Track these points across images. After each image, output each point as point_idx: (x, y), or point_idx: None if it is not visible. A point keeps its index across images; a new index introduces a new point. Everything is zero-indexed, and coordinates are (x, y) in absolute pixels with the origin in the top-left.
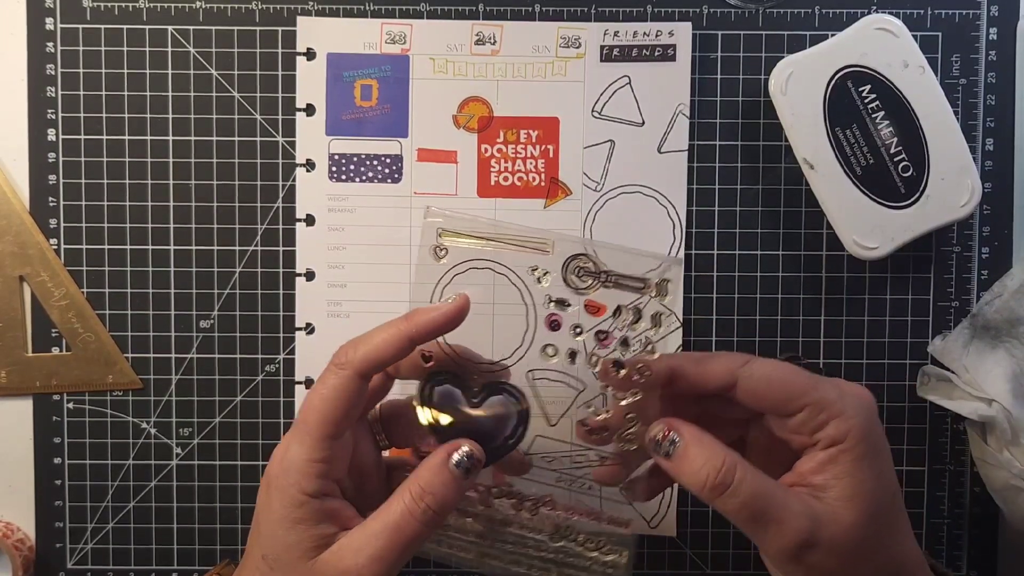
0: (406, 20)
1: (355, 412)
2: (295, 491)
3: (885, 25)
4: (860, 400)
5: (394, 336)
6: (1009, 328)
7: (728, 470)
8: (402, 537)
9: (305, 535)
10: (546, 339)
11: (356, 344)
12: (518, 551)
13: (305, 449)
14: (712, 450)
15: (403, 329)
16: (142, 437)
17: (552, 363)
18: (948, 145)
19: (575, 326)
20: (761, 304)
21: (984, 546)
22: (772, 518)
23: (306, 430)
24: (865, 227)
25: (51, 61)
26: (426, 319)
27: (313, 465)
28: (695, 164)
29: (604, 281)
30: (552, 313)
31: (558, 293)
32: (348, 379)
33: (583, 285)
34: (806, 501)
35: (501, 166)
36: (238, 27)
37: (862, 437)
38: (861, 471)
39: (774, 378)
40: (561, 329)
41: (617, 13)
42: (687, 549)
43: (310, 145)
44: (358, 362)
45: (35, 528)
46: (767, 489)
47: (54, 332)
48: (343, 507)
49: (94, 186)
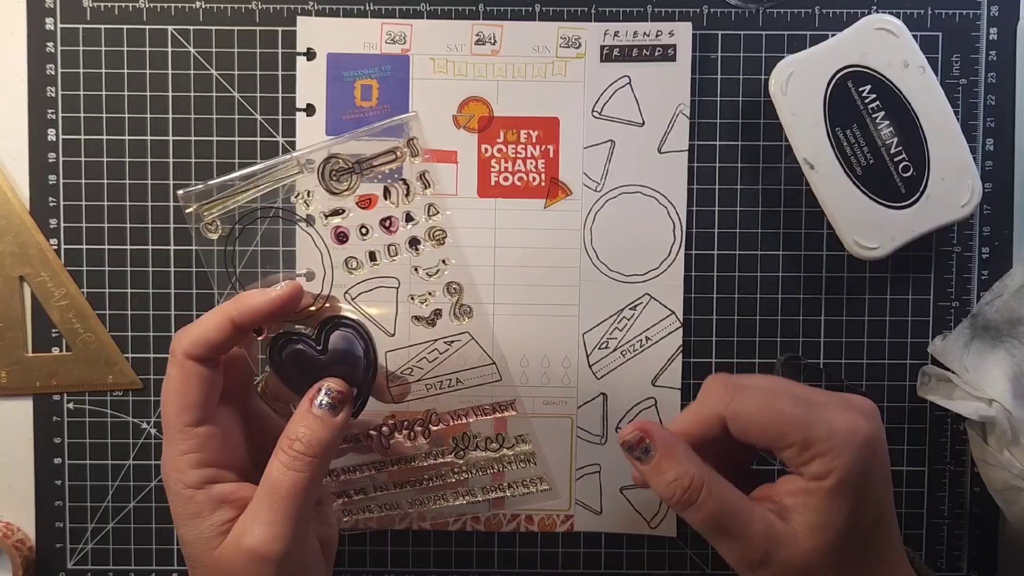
0: (406, 20)
1: (209, 395)
2: (179, 487)
3: (885, 25)
4: (851, 436)
5: (219, 319)
6: (1009, 328)
7: (694, 489)
8: (286, 494)
9: (203, 527)
10: (343, 254)
11: (186, 330)
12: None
13: (172, 445)
14: (683, 465)
15: (227, 312)
16: (142, 437)
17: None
18: (948, 145)
19: (360, 227)
20: (761, 304)
21: (984, 546)
22: (731, 534)
23: (168, 426)
24: (865, 227)
25: (51, 61)
26: (251, 304)
27: (184, 458)
28: (695, 164)
29: (361, 172)
30: (335, 226)
31: (329, 205)
32: (181, 366)
33: (345, 186)
34: (768, 521)
35: (501, 166)
36: (238, 27)
37: (842, 477)
38: (832, 507)
39: (761, 420)
40: (351, 237)
41: (617, 13)
42: (687, 549)
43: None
44: (186, 347)
45: (35, 528)
46: (730, 508)
47: (54, 332)
48: (240, 489)
49: (94, 186)
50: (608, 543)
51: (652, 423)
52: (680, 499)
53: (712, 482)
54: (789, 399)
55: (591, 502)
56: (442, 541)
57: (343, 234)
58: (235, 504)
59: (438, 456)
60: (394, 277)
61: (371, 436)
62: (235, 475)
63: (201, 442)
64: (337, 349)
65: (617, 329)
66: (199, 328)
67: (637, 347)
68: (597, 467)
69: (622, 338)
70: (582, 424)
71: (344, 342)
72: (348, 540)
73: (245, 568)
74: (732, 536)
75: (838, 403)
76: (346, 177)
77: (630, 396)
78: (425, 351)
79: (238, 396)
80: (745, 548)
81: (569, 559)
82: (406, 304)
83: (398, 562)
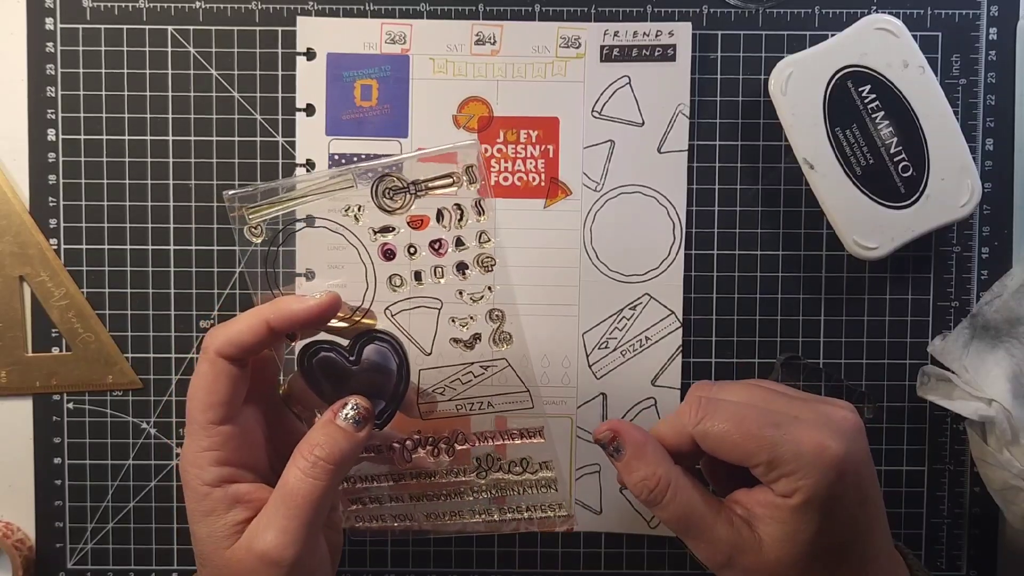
0: (406, 20)
1: (236, 395)
2: (196, 483)
3: (885, 25)
4: (818, 458)
5: (256, 322)
6: (1009, 328)
7: (661, 489)
8: (301, 501)
9: (215, 525)
10: (387, 271)
11: (219, 326)
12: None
13: (194, 440)
14: (650, 466)
15: (264, 315)
16: (142, 437)
17: (403, 292)
18: (948, 145)
19: (409, 247)
20: (761, 304)
21: (984, 546)
22: (696, 535)
23: (192, 421)
24: (865, 227)
25: (51, 61)
26: (289, 310)
27: (206, 455)
28: (695, 164)
29: (415, 192)
30: (383, 243)
31: (380, 222)
32: (212, 363)
33: (398, 204)
34: (734, 526)
35: (501, 166)
36: (238, 27)
37: (809, 497)
38: (796, 523)
39: (726, 441)
40: (397, 256)
41: (617, 13)
42: (687, 549)
43: (310, 145)
44: (219, 345)
45: (35, 528)
46: (695, 510)
47: (54, 332)
48: (256, 490)
49: (94, 186)
50: (608, 543)
51: (624, 423)
52: (647, 498)
53: (679, 483)
54: (759, 418)
55: (591, 502)
56: (442, 541)
57: (390, 251)
58: (250, 505)
59: (459, 474)
60: (437, 298)
61: (394, 448)
62: (252, 475)
63: (223, 440)
64: (370, 361)
65: (617, 329)
66: (234, 328)
67: (637, 347)
68: (597, 467)
69: (622, 338)
70: (582, 424)
71: (378, 355)
72: (348, 540)
73: (255, 571)
74: (695, 536)
75: (813, 421)
76: (400, 196)
77: (630, 396)
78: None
79: (262, 396)
80: (709, 549)
81: (569, 559)
82: (446, 326)
83: (398, 562)
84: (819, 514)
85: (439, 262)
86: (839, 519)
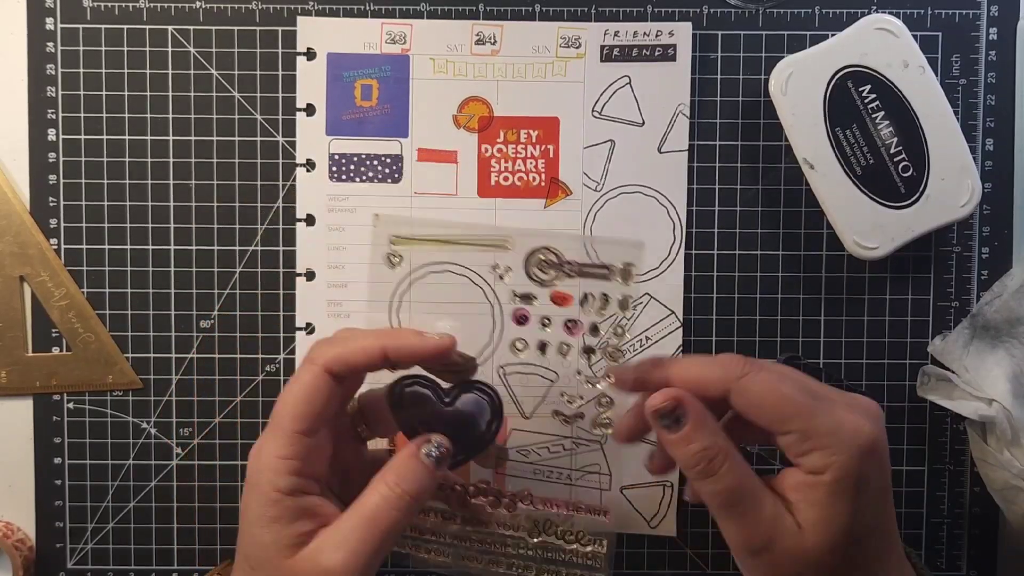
0: (406, 20)
1: (328, 409)
2: (269, 489)
3: (885, 25)
4: (854, 436)
5: (372, 347)
6: (1009, 328)
7: (720, 460)
8: (379, 528)
9: (281, 533)
10: (515, 334)
11: (332, 342)
12: (497, 551)
13: (277, 446)
14: (711, 437)
15: (383, 344)
16: (142, 437)
17: (522, 357)
18: (948, 145)
19: (543, 318)
20: (761, 304)
21: (984, 546)
22: (741, 511)
23: (278, 426)
24: (865, 227)
25: (51, 61)
26: (407, 344)
27: (285, 462)
28: (695, 164)
29: (567, 272)
30: (519, 309)
31: (522, 288)
32: (318, 376)
33: (547, 277)
34: (778, 510)
35: (501, 166)
36: (238, 27)
37: (842, 475)
38: (833, 505)
39: (767, 399)
40: (529, 323)
41: (617, 13)
42: (687, 549)
43: (310, 145)
44: (329, 360)
45: (35, 528)
46: (746, 483)
47: (54, 332)
48: (322, 504)
49: (94, 186)
50: None
51: (683, 392)
52: (704, 468)
53: (733, 456)
54: (799, 387)
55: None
56: None
57: (524, 318)
58: (316, 519)
59: (512, 528)
60: (554, 371)
61: (455, 490)
62: (317, 487)
63: (305, 451)
64: (462, 409)
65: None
66: (349, 347)
67: (637, 347)
68: (597, 467)
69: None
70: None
71: (473, 406)
72: None
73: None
74: (741, 514)
75: (846, 402)
76: (552, 271)
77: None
78: (550, 442)
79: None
80: (751, 529)
81: None
82: (554, 398)
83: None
84: (850, 495)
85: (568, 340)
86: (867, 503)
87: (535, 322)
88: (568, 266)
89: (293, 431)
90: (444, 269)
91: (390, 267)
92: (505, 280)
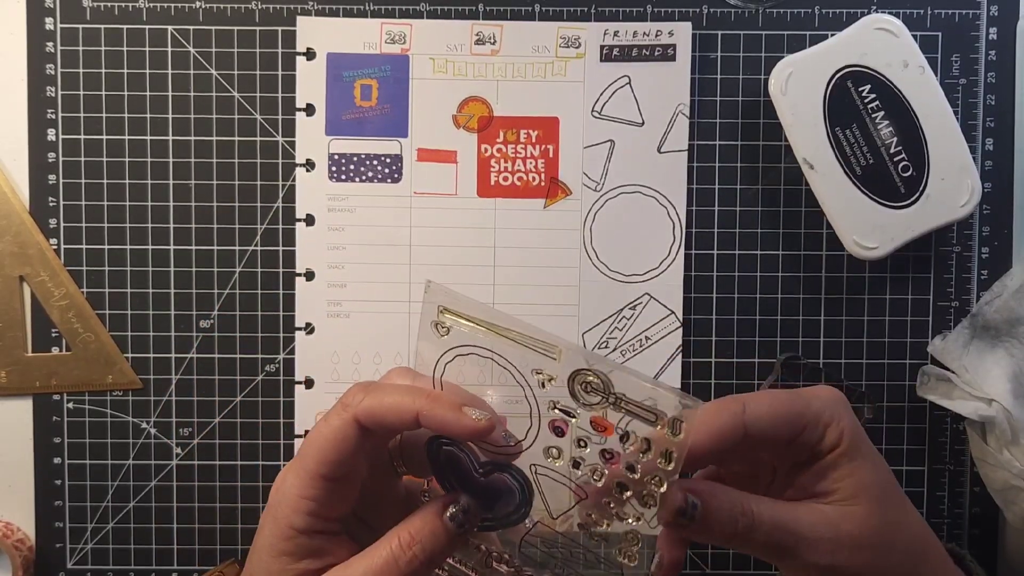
0: (406, 20)
1: (355, 458)
2: (284, 524)
3: (885, 25)
4: (837, 400)
5: (406, 410)
6: (1009, 328)
7: (747, 519)
8: None
9: (287, 567)
10: (550, 441)
11: (367, 389)
12: None
13: (298, 484)
14: (730, 500)
15: (418, 407)
16: (142, 437)
17: (556, 466)
18: (948, 145)
19: (580, 439)
20: (761, 304)
21: (984, 546)
22: (792, 546)
23: (303, 465)
24: (865, 227)
25: (51, 61)
26: (441, 418)
27: (304, 502)
28: (695, 164)
29: (613, 403)
30: (556, 420)
31: (564, 401)
32: (348, 424)
33: (590, 401)
34: (818, 510)
35: (501, 166)
36: (238, 27)
37: (852, 435)
38: (858, 466)
39: (777, 409)
40: (565, 436)
41: (617, 13)
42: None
43: (310, 145)
44: (360, 411)
45: (35, 528)
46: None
47: (54, 332)
48: (335, 546)
49: (94, 186)
50: None
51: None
52: (738, 531)
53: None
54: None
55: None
56: None
57: (560, 430)
58: (326, 559)
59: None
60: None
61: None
62: (336, 527)
63: (326, 495)
64: (494, 487)
65: (617, 329)
66: (384, 404)
67: (637, 347)
68: None
69: (622, 338)
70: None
71: (505, 487)
72: None
73: None
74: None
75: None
76: (595, 396)
77: None
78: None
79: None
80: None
81: None
82: (579, 512)
83: None
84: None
85: (602, 467)
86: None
87: (571, 438)
88: (614, 398)
89: (317, 474)
90: (488, 356)
91: (436, 336)
92: (545, 388)
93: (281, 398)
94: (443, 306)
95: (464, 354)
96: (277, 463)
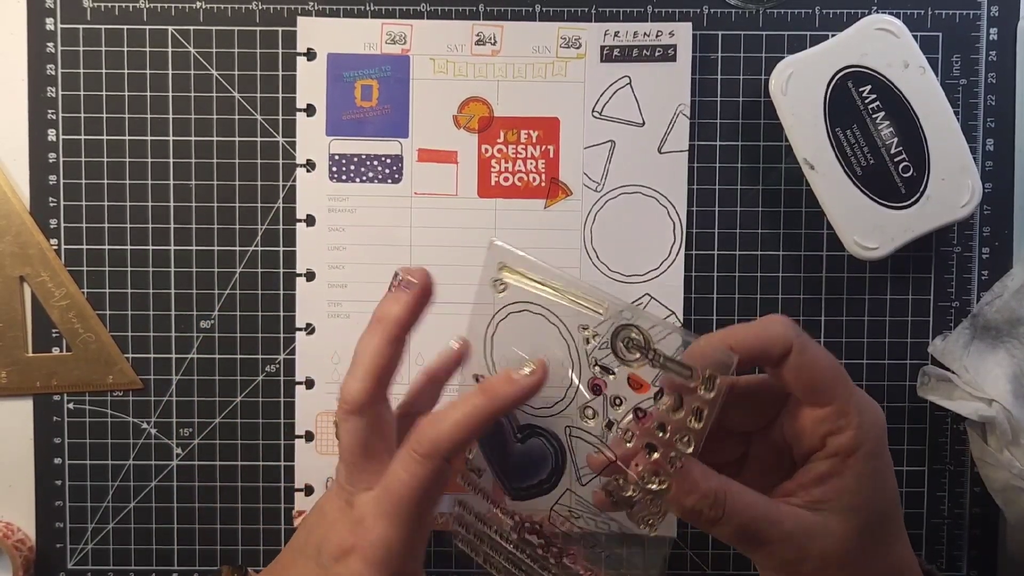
0: (406, 20)
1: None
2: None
3: (885, 25)
4: (876, 418)
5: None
6: (1009, 328)
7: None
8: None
9: None
10: (587, 400)
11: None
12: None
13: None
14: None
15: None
16: (142, 437)
17: (590, 426)
18: (948, 145)
19: (616, 397)
20: (761, 304)
21: (984, 546)
22: (763, 540)
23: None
24: (865, 227)
25: (51, 61)
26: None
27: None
28: (695, 164)
29: (652, 359)
30: (595, 378)
31: (604, 359)
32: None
33: (630, 358)
34: (798, 516)
35: (501, 166)
36: (238, 27)
37: (871, 455)
38: (862, 486)
39: (820, 364)
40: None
41: (617, 13)
42: (687, 549)
43: (310, 145)
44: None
45: (35, 528)
46: (757, 508)
47: (54, 332)
48: None
49: (94, 186)
50: None
51: None
52: (708, 515)
53: (731, 489)
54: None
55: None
56: (442, 541)
57: (598, 388)
58: None
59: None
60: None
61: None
62: None
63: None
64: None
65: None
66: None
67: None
68: None
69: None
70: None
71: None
72: None
73: None
74: (765, 541)
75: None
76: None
77: None
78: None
79: None
80: (781, 548)
81: None
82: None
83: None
84: (877, 473)
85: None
86: (885, 487)
87: (608, 396)
88: (653, 354)
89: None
90: (539, 312)
91: (494, 292)
92: (589, 345)
93: (282, 398)
94: (504, 263)
95: (517, 312)
96: (277, 463)
